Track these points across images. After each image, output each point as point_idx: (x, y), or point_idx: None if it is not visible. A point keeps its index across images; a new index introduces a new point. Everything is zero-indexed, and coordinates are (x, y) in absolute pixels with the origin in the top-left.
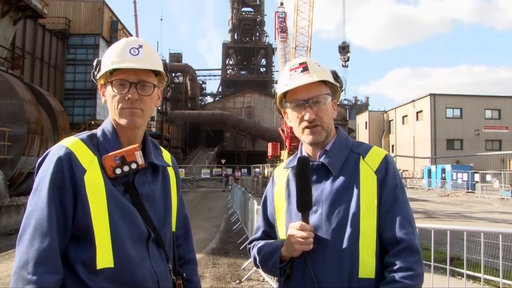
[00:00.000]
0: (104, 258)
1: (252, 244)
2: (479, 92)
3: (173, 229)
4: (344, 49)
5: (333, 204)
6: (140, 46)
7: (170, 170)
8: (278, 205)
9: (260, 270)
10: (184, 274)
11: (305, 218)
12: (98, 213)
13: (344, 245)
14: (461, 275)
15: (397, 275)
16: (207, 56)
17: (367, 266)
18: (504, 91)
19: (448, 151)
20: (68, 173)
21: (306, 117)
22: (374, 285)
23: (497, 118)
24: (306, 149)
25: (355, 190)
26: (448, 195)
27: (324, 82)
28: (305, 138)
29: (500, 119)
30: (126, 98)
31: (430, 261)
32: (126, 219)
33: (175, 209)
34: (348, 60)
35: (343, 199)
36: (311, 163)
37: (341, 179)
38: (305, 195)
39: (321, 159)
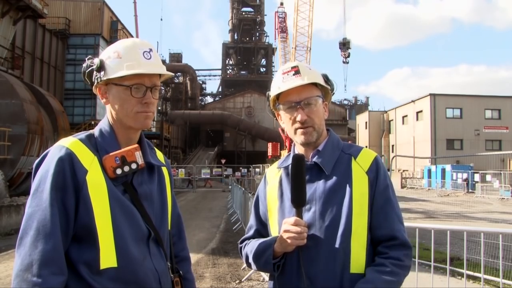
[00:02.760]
0: (107, 258)
1: (244, 243)
2: (479, 92)
3: (169, 227)
4: (344, 45)
5: (326, 202)
6: (151, 50)
7: (164, 170)
8: (271, 204)
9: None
10: (181, 272)
11: (299, 214)
12: (100, 213)
13: (337, 242)
14: (461, 275)
15: (387, 261)
16: (203, 51)
17: (358, 262)
18: (504, 91)
19: (448, 151)
20: (70, 174)
21: (298, 118)
22: None
23: (497, 118)
24: (298, 150)
25: (348, 189)
26: (448, 195)
27: (315, 85)
28: (297, 138)
29: (500, 119)
30: (143, 102)
31: (430, 261)
32: (127, 218)
33: (170, 208)
34: (348, 56)
35: (336, 198)
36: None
37: (333, 178)
38: (300, 190)
39: (314, 159)
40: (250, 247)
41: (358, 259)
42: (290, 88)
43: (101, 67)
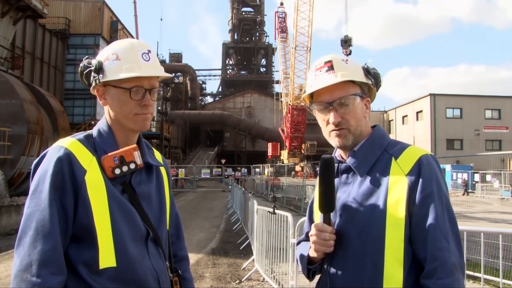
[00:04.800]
0: (107, 257)
1: (298, 245)
2: (479, 92)
3: (167, 227)
4: (346, 42)
5: (358, 208)
6: (149, 51)
7: (162, 170)
8: (315, 206)
9: (260, 270)
10: (179, 271)
11: (327, 219)
12: (99, 213)
13: (367, 254)
14: None
15: None
16: (201, 46)
17: (393, 279)
18: (504, 91)
19: (448, 151)
20: (69, 174)
21: (331, 120)
22: None
23: (497, 118)
24: (338, 149)
25: (382, 194)
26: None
27: (353, 81)
28: (332, 141)
29: (500, 119)
30: (142, 104)
31: None
32: (126, 218)
33: (168, 207)
34: (350, 53)
35: (368, 203)
36: (339, 164)
37: (368, 182)
38: (325, 195)
39: (348, 160)
40: (298, 251)
41: (393, 276)
42: (322, 87)
43: (99, 69)
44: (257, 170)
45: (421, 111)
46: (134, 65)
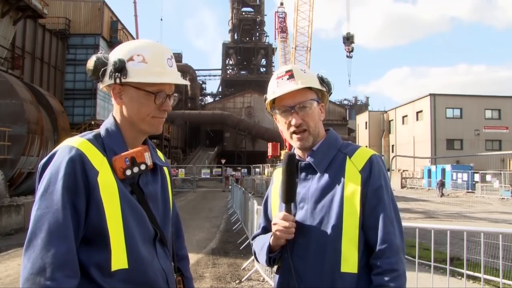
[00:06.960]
0: (119, 259)
1: (254, 239)
2: (479, 92)
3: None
4: (348, 39)
5: (318, 200)
6: (172, 57)
7: (165, 169)
8: (274, 202)
9: (260, 270)
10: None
11: (288, 209)
12: (112, 215)
13: (327, 240)
14: (461, 275)
15: (381, 278)
16: (199, 41)
17: (349, 261)
18: (504, 91)
19: (448, 151)
20: (81, 175)
21: (293, 122)
22: (357, 280)
23: (497, 118)
24: (297, 150)
25: (339, 188)
26: (448, 195)
27: (310, 88)
28: (294, 143)
29: (500, 119)
30: (162, 109)
31: (430, 261)
32: (137, 219)
33: (171, 207)
34: (352, 50)
35: (327, 196)
36: (299, 163)
37: (326, 177)
38: (287, 187)
39: (307, 159)
40: (256, 243)
41: (349, 259)
42: (284, 93)
43: (122, 68)
44: (257, 170)
45: (421, 111)
46: (161, 70)
